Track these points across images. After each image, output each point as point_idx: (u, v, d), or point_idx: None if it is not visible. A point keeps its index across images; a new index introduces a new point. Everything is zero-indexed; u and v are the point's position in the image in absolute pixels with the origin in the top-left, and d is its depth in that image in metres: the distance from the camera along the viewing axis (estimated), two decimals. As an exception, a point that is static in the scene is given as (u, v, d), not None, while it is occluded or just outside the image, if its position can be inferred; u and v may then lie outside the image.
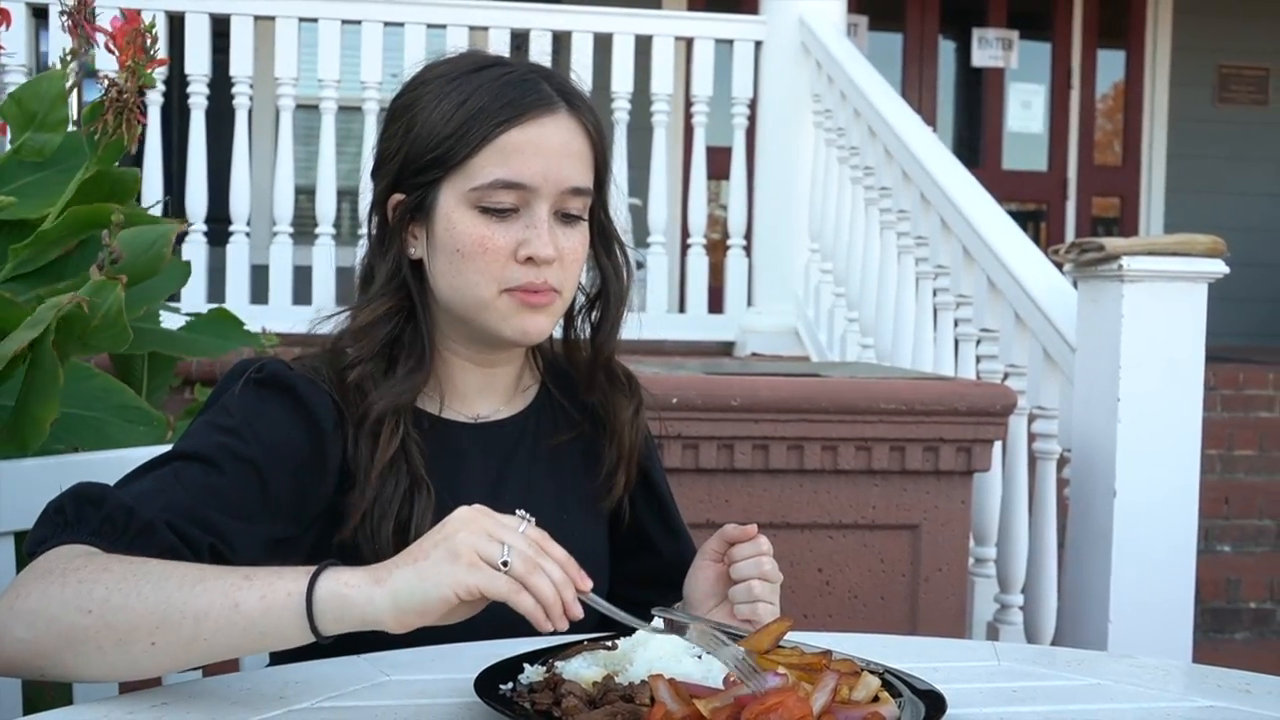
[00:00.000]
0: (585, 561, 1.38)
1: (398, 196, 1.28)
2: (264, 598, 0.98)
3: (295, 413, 1.21)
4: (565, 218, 1.26)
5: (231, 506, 1.14)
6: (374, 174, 1.32)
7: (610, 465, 1.38)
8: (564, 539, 1.35)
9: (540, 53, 4.27)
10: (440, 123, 1.24)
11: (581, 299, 1.37)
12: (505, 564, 0.96)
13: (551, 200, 1.25)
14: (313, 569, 0.99)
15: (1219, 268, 2.41)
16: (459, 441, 1.32)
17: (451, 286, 1.26)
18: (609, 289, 1.36)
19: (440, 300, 1.28)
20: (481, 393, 1.35)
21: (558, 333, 1.38)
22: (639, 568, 1.44)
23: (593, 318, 1.37)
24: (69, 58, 1.67)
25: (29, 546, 1.08)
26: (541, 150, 1.23)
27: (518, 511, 1.01)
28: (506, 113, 1.23)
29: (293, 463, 1.20)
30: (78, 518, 1.08)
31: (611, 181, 1.34)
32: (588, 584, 1.00)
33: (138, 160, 3.97)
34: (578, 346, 1.38)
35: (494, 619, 1.26)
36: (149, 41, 1.55)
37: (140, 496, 1.11)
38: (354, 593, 0.97)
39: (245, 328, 1.94)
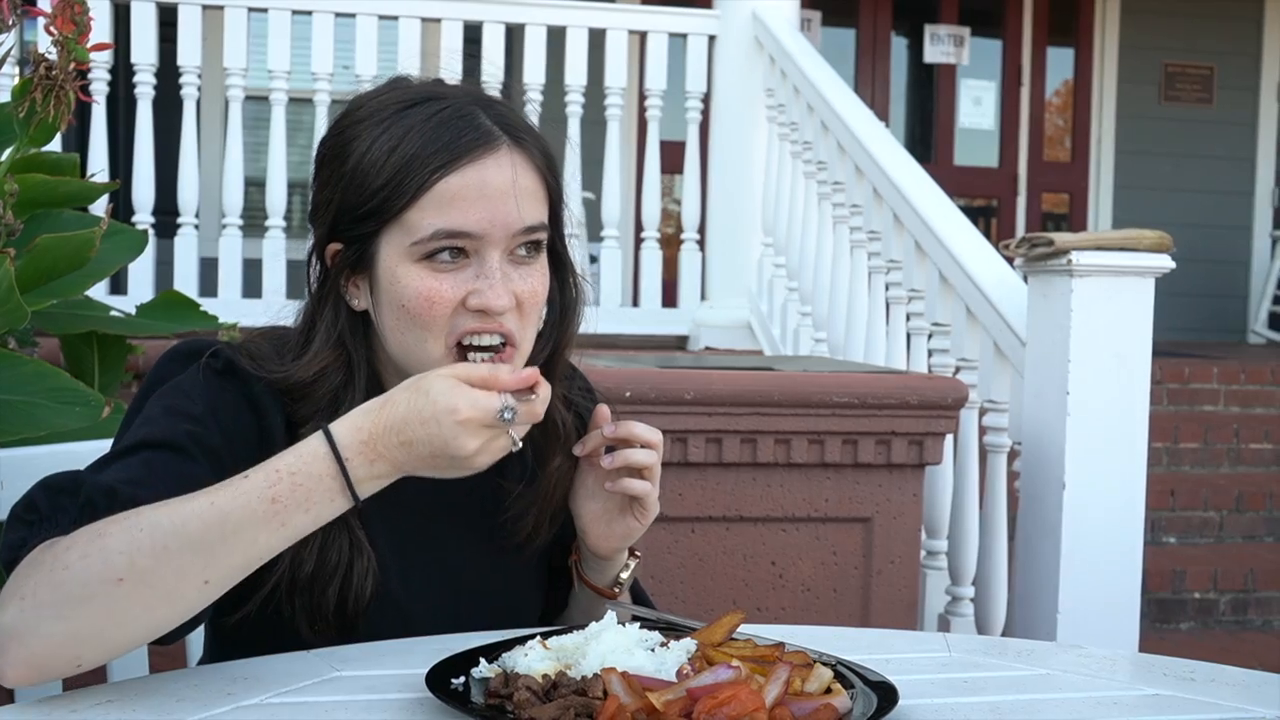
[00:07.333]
0: (511, 599, 1.31)
1: (335, 246, 1.19)
2: (308, 511, 1.03)
3: (249, 407, 1.18)
4: (520, 258, 1.17)
5: None
6: (310, 219, 1.23)
7: (524, 505, 1.28)
8: (491, 575, 1.29)
9: (493, 42, 4.26)
10: (372, 172, 1.14)
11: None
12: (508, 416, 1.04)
13: (503, 245, 1.15)
14: (333, 459, 1.04)
15: (1165, 263, 2.44)
16: None
17: (399, 343, 1.18)
18: (556, 333, 1.26)
19: (389, 354, 1.21)
20: None
21: None
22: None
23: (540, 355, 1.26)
24: None
25: (6, 553, 1.03)
26: (485, 194, 1.13)
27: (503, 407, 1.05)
28: (442, 157, 1.13)
29: (247, 456, 1.17)
30: (54, 510, 1.03)
31: (566, 210, 1.24)
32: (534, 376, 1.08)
33: (82, 151, 3.91)
34: None
35: (449, 617, 1.25)
36: (78, 13, 1.51)
37: (116, 482, 1.06)
38: (388, 475, 1.06)
39: (201, 309, 1.91)
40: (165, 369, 1.20)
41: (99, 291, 3.71)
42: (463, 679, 1.02)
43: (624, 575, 1.32)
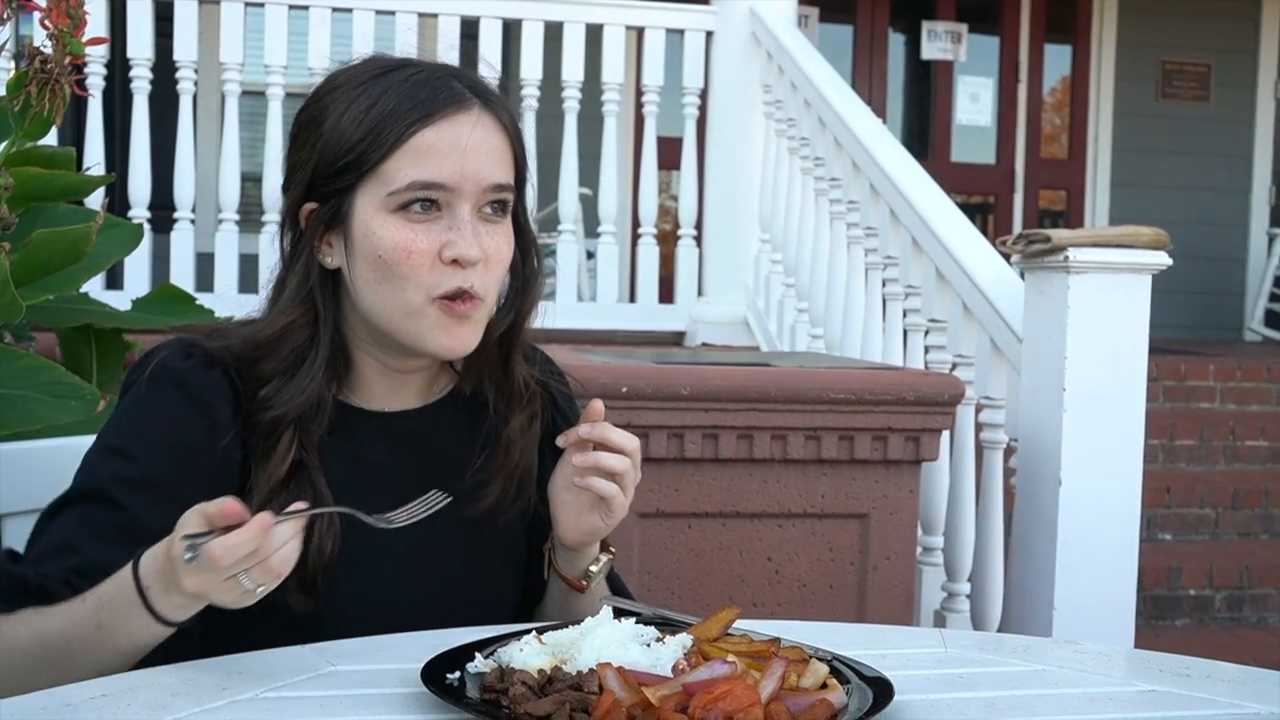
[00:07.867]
0: (484, 573, 1.32)
1: (310, 206, 1.23)
2: (131, 636, 1.05)
3: (189, 408, 1.19)
4: (488, 216, 1.22)
5: (147, 535, 1.08)
6: (284, 187, 1.27)
7: (486, 474, 1.30)
8: (465, 547, 1.30)
9: (490, 37, 4.25)
10: (350, 127, 1.20)
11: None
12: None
13: (473, 199, 1.20)
14: (134, 588, 1.03)
15: (1162, 260, 2.44)
16: (361, 428, 1.28)
17: (376, 295, 1.21)
18: (519, 301, 1.30)
19: (362, 310, 1.23)
20: (392, 394, 1.31)
21: None
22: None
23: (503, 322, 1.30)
24: None
25: None
26: (458, 148, 1.19)
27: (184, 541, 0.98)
28: (418, 112, 1.19)
29: (194, 462, 1.18)
30: None
31: (529, 182, 1.29)
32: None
33: (79, 145, 3.90)
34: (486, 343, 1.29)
35: (438, 614, 1.25)
36: (73, 6, 1.51)
37: (42, 555, 1.12)
38: (188, 611, 1.04)
39: (197, 302, 1.92)
40: (129, 376, 1.24)
41: (95, 286, 3.71)
42: (458, 674, 1.02)
43: (594, 569, 1.33)
